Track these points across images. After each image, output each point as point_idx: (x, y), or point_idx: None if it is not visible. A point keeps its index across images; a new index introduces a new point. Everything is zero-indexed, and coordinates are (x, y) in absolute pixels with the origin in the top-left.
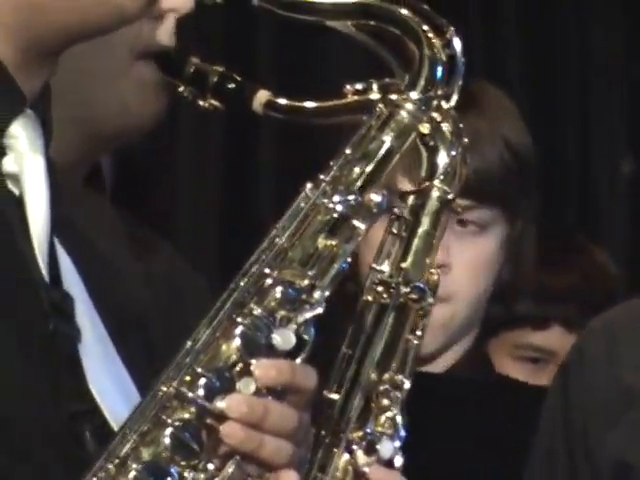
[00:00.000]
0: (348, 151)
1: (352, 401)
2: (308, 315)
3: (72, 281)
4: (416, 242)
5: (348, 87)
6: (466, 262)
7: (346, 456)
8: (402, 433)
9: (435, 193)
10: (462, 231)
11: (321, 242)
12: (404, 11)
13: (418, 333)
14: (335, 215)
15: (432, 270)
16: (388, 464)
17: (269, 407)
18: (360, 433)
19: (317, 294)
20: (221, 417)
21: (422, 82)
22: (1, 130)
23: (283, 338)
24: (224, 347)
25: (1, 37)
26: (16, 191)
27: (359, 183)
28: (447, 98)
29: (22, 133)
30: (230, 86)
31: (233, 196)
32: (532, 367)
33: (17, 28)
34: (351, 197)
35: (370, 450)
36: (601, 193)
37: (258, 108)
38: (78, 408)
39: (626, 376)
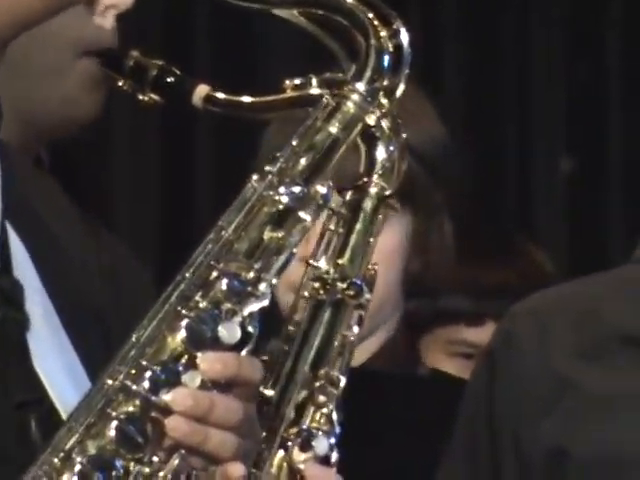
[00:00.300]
0: (294, 142)
1: (288, 397)
2: (254, 307)
3: (25, 268)
4: (353, 238)
5: (287, 82)
6: None
7: (281, 452)
8: (337, 430)
9: (373, 189)
10: None
11: (267, 234)
12: (351, 0)
13: (354, 329)
14: (281, 207)
15: (369, 266)
16: (323, 460)
17: (214, 400)
18: (295, 429)
19: (263, 286)
20: (166, 410)
21: (368, 73)
22: None
23: (229, 331)
24: (170, 340)
25: None
26: None
27: (305, 175)
28: (393, 89)
29: None
30: (169, 80)
31: (171, 194)
32: (466, 363)
33: None
34: (297, 189)
35: (305, 446)
36: (539, 192)
37: (198, 102)
38: (25, 397)
39: (560, 364)
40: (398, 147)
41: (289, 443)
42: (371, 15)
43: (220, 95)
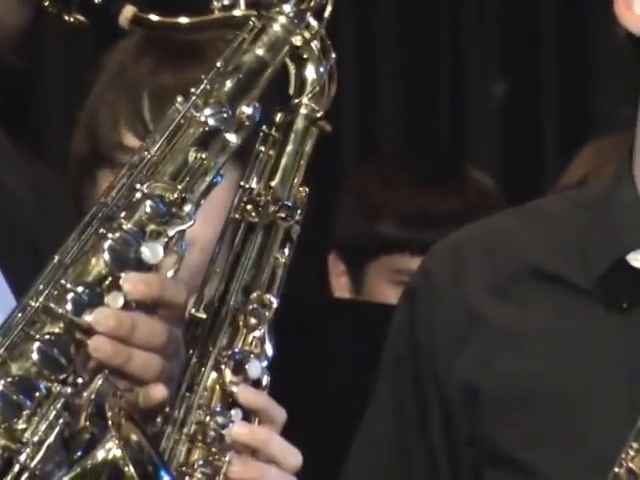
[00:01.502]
0: (219, 64)
1: (220, 320)
2: (179, 228)
3: None
4: (284, 160)
5: (215, 3)
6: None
7: (214, 375)
8: (270, 353)
9: (303, 110)
10: None
11: (192, 155)
12: None
13: (286, 251)
14: (206, 128)
15: (300, 188)
16: (255, 384)
17: (137, 321)
18: (228, 352)
19: (187, 207)
20: (89, 331)
21: None
22: None
23: (152, 251)
24: (93, 261)
25: None
26: None
27: (231, 96)
28: (321, 10)
29: None
30: (96, 1)
31: None
32: None
33: None
34: (223, 110)
35: (238, 370)
36: (473, 116)
37: (124, 23)
38: None
39: (473, 300)
40: (328, 68)
41: (222, 366)
42: None
43: (152, 17)
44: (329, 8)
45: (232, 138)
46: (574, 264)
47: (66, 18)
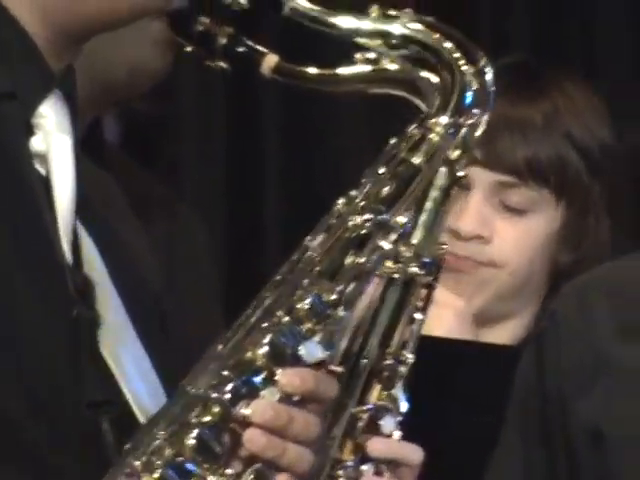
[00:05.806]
0: (380, 170)
1: (357, 374)
2: (331, 329)
3: (94, 264)
4: (423, 217)
5: (359, 55)
6: (508, 236)
7: (348, 429)
8: (404, 409)
9: (444, 169)
10: (506, 212)
11: (349, 258)
12: (437, 37)
13: (423, 308)
14: (363, 233)
15: (439, 245)
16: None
17: (293, 415)
18: (362, 407)
19: (341, 309)
20: (245, 422)
21: (452, 107)
22: (33, 109)
23: (309, 350)
24: (251, 354)
25: (37, 18)
26: (42, 171)
27: (388, 203)
28: (476, 125)
29: (50, 112)
30: (239, 49)
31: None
32: None
33: (54, 12)
34: (380, 217)
35: (371, 425)
36: None
37: (266, 71)
38: (97, 397)
39: (600, 342)
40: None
41: (357, 422)
42: (457, 53)
43: (289, 66)
44: (484, 122)
45: (385, 245)
46: None
47: (208, 64)
